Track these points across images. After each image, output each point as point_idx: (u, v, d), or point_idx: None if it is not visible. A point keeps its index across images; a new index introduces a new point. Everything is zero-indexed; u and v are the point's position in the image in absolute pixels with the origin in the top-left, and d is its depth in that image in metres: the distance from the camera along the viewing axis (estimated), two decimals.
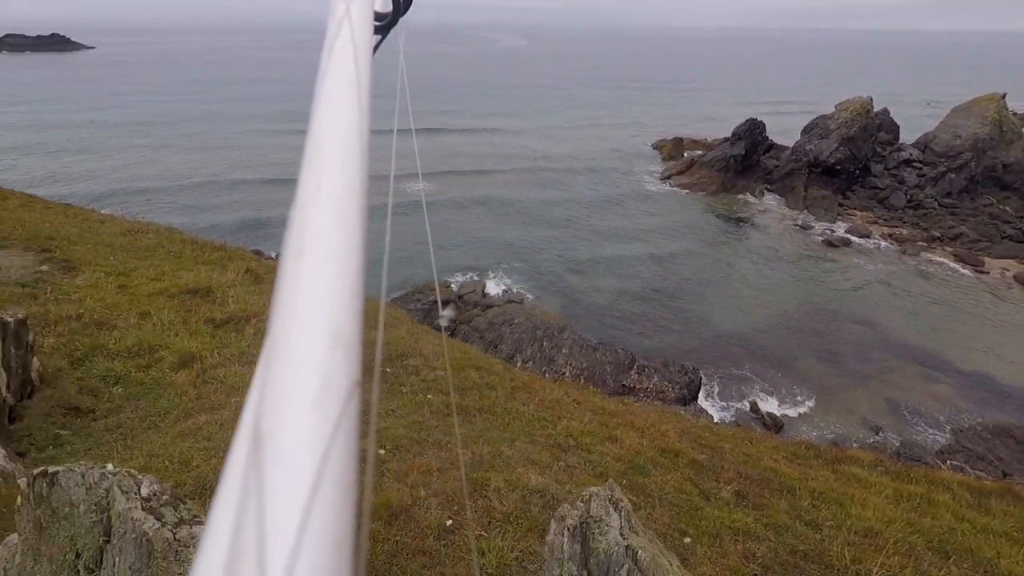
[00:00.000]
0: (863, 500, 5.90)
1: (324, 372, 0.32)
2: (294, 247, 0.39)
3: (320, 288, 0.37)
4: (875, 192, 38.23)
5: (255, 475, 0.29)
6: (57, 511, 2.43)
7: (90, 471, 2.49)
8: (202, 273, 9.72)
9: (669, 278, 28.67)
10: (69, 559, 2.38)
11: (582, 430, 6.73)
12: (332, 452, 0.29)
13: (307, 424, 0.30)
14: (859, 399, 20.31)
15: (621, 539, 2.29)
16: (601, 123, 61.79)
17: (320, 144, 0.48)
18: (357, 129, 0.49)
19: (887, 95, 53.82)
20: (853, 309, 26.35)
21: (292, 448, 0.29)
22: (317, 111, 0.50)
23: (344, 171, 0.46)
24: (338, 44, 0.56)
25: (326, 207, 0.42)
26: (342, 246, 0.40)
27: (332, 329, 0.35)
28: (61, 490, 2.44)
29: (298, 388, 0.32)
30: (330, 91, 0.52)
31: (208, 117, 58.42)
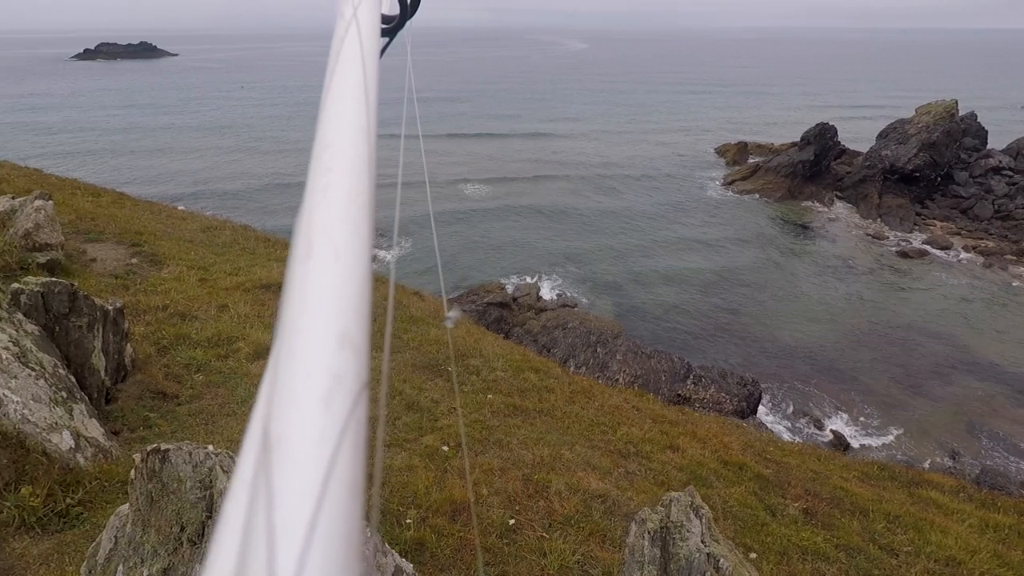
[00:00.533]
0: (944, 527, 5.57)
1: (332, 373, 0.33)
2: (302, 248, 0.40)
3: (328, 289, 0.37)
4: (958, 201, 35.92)
5: (264, 477, 0.29)
6: (166, 486, 2.62)
7: (196, 450, 2.68)
8: (274, 269, 10.16)
9: (729, 287, 27.85)
10: (174, 532, 2.56)
11: (642, 437, 6.66)
12: (340, 453, 0.30)
13: (315, 426, 0.30)
14: (935, 421, 19.12)
15: (703, 546, 2.27)
16: (661, 127, 60.78)
17: (327, 145, 0.48)
18: (364, 131, 0.50)
19: (974, 98, 50.47)
20: (930, 325, 24.84)
21: (301, 450, 0.29)
22: (324, 113, 0.51)
23: (351, 172, 0.46)
24: (345, 46, 0.57)
25: (333, 208, 0.43)
26: (349, 247, 0.40)
27: (340, 330, 0.35)
28: (171, 466, 2.63)
29: (306, 390, 0.32)
30: (337, 93, 0.52)
31: (279, 121, 61.06)
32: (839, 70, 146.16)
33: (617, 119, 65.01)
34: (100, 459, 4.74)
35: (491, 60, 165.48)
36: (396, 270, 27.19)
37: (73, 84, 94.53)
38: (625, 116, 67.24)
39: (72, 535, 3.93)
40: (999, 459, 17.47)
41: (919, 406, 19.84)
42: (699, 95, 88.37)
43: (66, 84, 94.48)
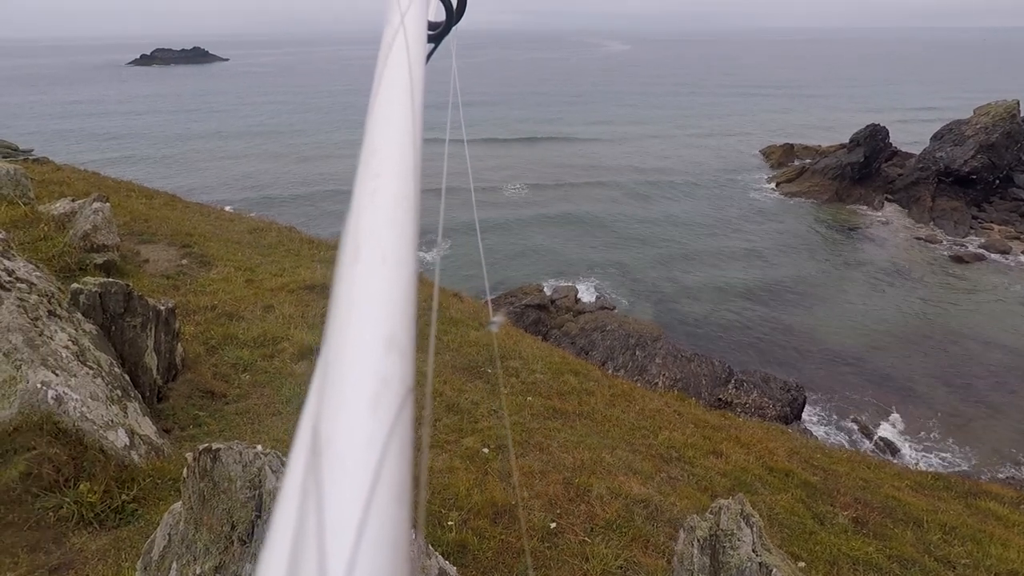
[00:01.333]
0: (1005, 539, 5.29)
1: (379, 377, 0.33)
2: (350, 251, 0.40)
3: (374, 293, 0.38)
4: (1018, 204, 34.19)
5: (314, 479, 0.29)
6: (218, 485, 2.70)
7: (246, 450, 2.75)
8: (318, 270, 10.39)
9: (773, 290, 27.14)
10: (225, 530, 2.63)
11: (684, 442, 6.54)
12: (388, 457, 0.30)
13: (364, 429, 0.31)
14: (992, 430, 18.20)
15: (754, 555, 2.20)
16: (705, 130, 59.83)
17: (375, 150, 0.49)
18: (411, 135, 0.51)
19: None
20: (986, 331, 23.68)
21: (349, 453, 0.30)
22: (372, 118, 0.52)
23: (398, 177, 0.46)
24: (393, 52, 0.58)
25: (381, 211, 0.43)
26: (396, 251, 0.41)
27: (386, 334, 0.35)
28: (222, 466, 2.71)
29: (354, 393, 0.32)
30: (385, 98, 0.53)
31: (323, 126, 62.54)
32: (889, 70, 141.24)
33: (659, 122, 64.29)
34: (153, 457, 4.91)
35: (529, 62, 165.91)
36: (429, 272, 27.48)
37: (129, 89, 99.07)
38: (667, 118, 66.46)
39: (128, 531, 4.07)
40: None
41: (976, 415, 18.92)
42: (744, 97, 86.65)
43: (122, 89, 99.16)
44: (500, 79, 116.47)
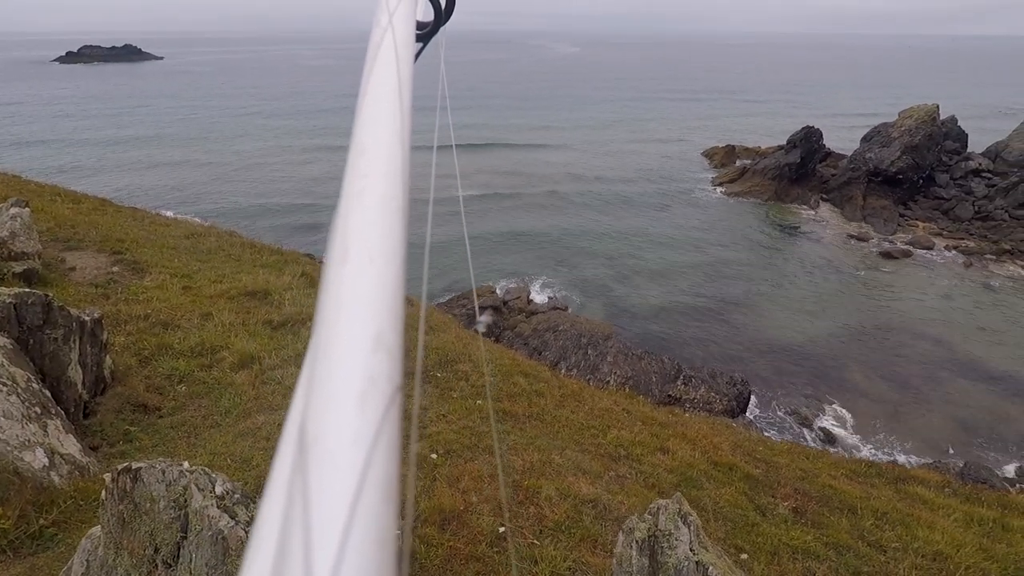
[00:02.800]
0: (930, 522, 5.59)
1: (367, 375, 0.33)
2: (338, 251, 0.40)
3: (362, 292, 0.38)
4: (939, 203, 36.44)
5: (301, 477, 0.29)
6: (139, 506, 2.53)
7: (169, 468, 2.60)
8: (260, 276, 10.05)
9: (718, 288, 28.01)
10: (148, 554, 2.48)
11: (632, 440, 6.63)
12: (376, 455, 0.30)
13: (351, 427, 0.31)
14: (919, 418, 19.31)
15: (691, 554, 2.23)
16: (651, 131, 61.14)
17: (363, 149, 0.49)
18: (399, 135, 0.51)
19: (954, 103, 51.33)
20: (914, 324, 25.12)
21: (337, 450, 0.30)
22: (360, 117, 0.52)
23: (386, 176, 0.46)
24: (381, 52, 0.58)
25: (368, 211, 0.43)
26: (384, 250, 0.41)
27: (375, 332, 0.35)
28: (143, 486, 2.54)
29: (342, 391, 0.32)
30: (373, 98, 0.53)
31: (260, 128, 60.68)
32: (827, 75, 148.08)
33: (606, 126, 65.25)
34: (76, 477, 4.62)
35: (476, 65, 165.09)
36: None
37: (54, 89, 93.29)
38: (614, 122, 67.54)
39: (45, 558, 3.80)
40: (981, 453, 17.66)
41: (904, 403, 20.03)
42: (687, 101, 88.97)
43: (47, 88, 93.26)
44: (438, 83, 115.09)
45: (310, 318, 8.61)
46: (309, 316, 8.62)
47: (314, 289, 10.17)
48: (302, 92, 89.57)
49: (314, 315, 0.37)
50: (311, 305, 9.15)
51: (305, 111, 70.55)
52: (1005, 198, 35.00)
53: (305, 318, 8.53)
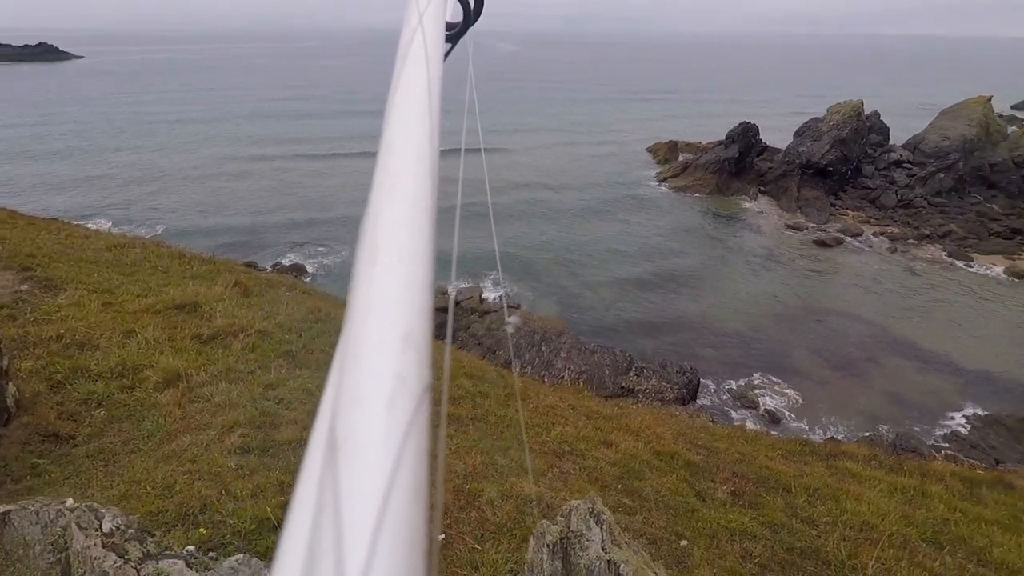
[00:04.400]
0: (858, 495, 5.83)
1: (397, 375, 0.33)
2: (368, 249, 0.41)
3: (392, 290, 0.38)
4: (866, 192, 38.42)
5: (331, 476, 0.29)
6: (10, 553, 2.30)
7: (45, 507, 2.37)
8: (189, 288, 9.60)
9: (666, 280, 28.67)
10: None
11: (577, 435, 6.65)
12: (405, 454, 0.30)
13: (381, 426, 0.31)
14: (856, 394, 20.29)
15: (603, 553, 2.20)
16: (594, 130, 61.96)
17: (393, 148, 0.49)
18: (428, 134, 0.51)
19: (878, 98, 54.20)
20: (847, 307, 26.39)
21: (367, 450, 0.30)
22: (391, 116, 0.52)
23: (416, 175, 0.47)
24: (411, 52, 0.58)
25: (398, 210, 0.44)
26: (413, 249, 0.41)
27: (404, 331, 0.35)
28: (14, 530, 2.31)
29: (372, 390, 0.32)
30: (404, 97, 0.54)
31: (191, 134, 58.27)
32: (766, 73, 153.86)
33: (547, 125, 65.71)
34: None
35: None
36: (328, 281, 26.41)
37: None
38: (558, 121, 68.09)
39: None
40: (913, 424, 18.70)
41: (841, 381, 21.01)
42: (629, 101, 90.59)
43: None
44: (383, 83, 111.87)
45: (243, 329, 8.27)
46: (242, 328, 8.28)
47: (248, 299, 9.79)
48: (240, 94, 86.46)
49: (344, 314, 0.38)
50: (244, 316, 8.80)
51: (242, 115, 68.11)
52: (924, 187, 37.22)
53: (238, 330, 8.19)
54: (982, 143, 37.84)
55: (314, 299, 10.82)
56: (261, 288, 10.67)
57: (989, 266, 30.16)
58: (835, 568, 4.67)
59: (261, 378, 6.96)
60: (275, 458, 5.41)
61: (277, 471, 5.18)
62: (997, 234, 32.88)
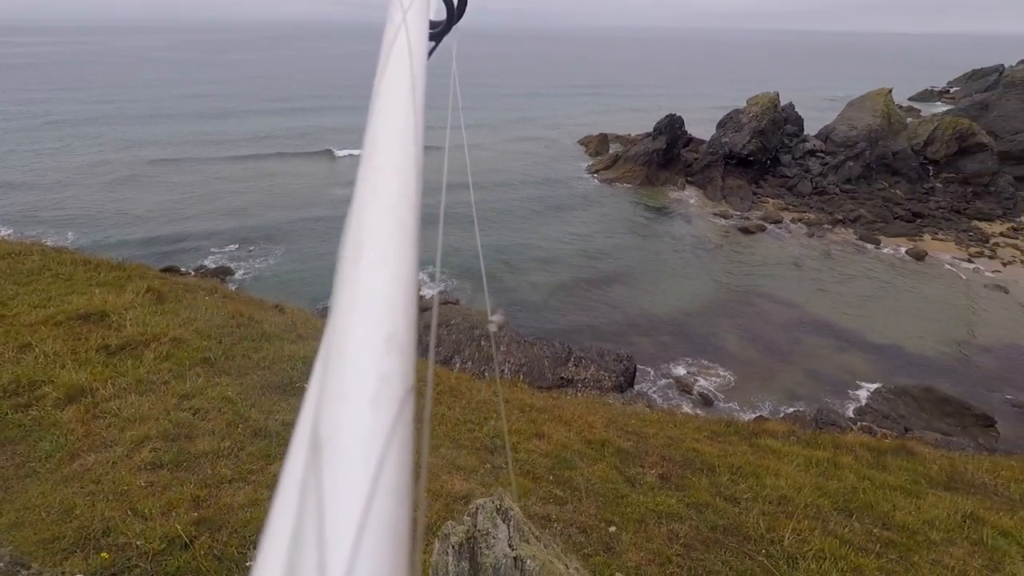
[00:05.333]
0: (777, 470, 6.12)
1: (380, 375, 0.33)
2: (352, 249, 0.40)
3: (375, 291, 0.37)
4: (784, 180, 40.49)
5: (314, 477, 0.29)
6: None
7: None
8: (96, 296, 8.95)
9: (600, 270, 29.25)
10: None
11: (509, 429, 6.66)
12: (389, 455, 0.30)
13: (365, 427, 0.30)
14: (781, 373, 21.42)
15: (509, 550, 2.19)
16: (524, 125, 62.22)
17: (377, 147, 0.48)
18: (412, 133, 0.51)
19: (792, 91, 57.06)
20: (770, 290, 27.78)
21: (351, 450, 0.30)
22: (375, 114, 0.52)
23: (400, 174, 0.46)
24: (395, 50, 0.58)
25: (382, 209, 0.43)
26: (397, 249, 0.40)
27: (388, 332, 0.35)
28: None
29: (355, 391, 0.32)
30: (387, 95, 0.54)
31: (87, 136, 54.49)
32: (690, 67, 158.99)
33: (482, 118, 65.49)
34: None
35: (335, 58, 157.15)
36: (256, 284, 25.38)
37: None
38: (487, 116, 67.94)
39: None
40: (832, 399, 19.93)
41: (767, 361, 22.12)
42: (562, 96, 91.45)
43: None
44: (303, 78, 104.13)
45: (156, 338, 7.79)
46: (155, 336, 7.80)
47: (163, 306, 9.24)
48: (149, 91, 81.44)
49: (328, 314, 0.37)
50: (158, 324, 8.29)
51: (152, 114, 64.12)
52: (836, 174, 39.60)
53: (150, 339, 7.71)
54: (885, 132, 40.62)
55: (236, 303, 10.33)
56: (178, 294, 10.08)
57: (895, 247, 32.50)
58: (755, 542, 4.88)
59: (176, 388, 6.59)
60: (190, 472, 5.13)
61: (192, 485, 4.91)
62: (901, 217, 35.45)
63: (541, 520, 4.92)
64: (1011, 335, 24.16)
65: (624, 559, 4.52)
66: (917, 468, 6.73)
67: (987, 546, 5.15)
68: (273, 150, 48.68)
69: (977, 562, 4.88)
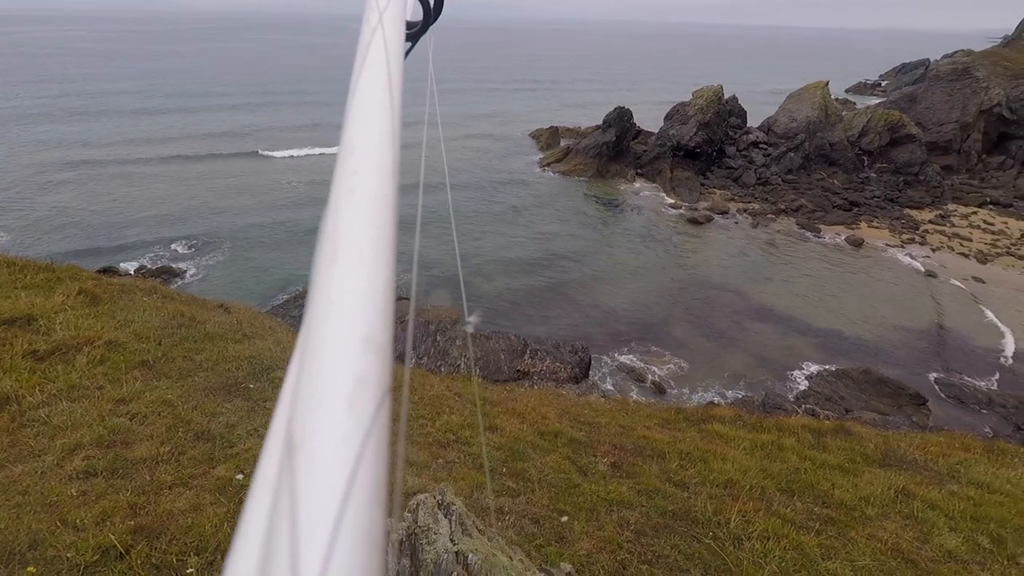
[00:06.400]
0: (723, 455, 6.32)
1: (357, 377, 0.32)
2: (327, 250, 0.39)
3: (352, 292, 0.37)
4: (730, 172, 41.69)
5: (288, 478, 0.29)
6: None
7: None
8: (22, 299, 8.42)
9: (554, 262, 29.46)
10: None
11: (462, 423, 6.63)
12: (364, 457, 0.30)
13: (340, 428, 0.30)
14: (729, 359, 22.12)
15: (451, 545, 2.18)
16: (473, 121, 61.88)
17: (353, 148, 0.48)
18: (389, 134, 0.50)
19: (735, 84, 58.70)
20: (718, 278, 28.62)
21: (326, 452, 0.29)
22: (351, 115, 0.51)
23: (377, 175, 0.46)
24: (371, 51, 0.58)
25: (359, 211, 0.42)
26: (374, 250, 0.40)
27: (364, 334, 0.35)
28: None
29: (331, 392, 0.32)
30: (363, 96, 0.53)
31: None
32: (633, 60, 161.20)
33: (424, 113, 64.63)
34: None
35: (290, 51, 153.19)
36: (202, 284, 24.47)
37: None
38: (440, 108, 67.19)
39: None
40: (778, 383, 20.73)
41: (716, 348, 22.81)
42: (513, 90, 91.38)
43: None
44: (257, 73, 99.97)
45: (89, 342, 7.40)
46: (88, 340, 7.40)
47: (97, 308, 8.78)
48: (85, 84, 77.08)
49: (304, 315, 0.36)
50: (91, 327, 7.88)
51: (88, 111, 60.80)
52: (778, 165, 41.02)
53: (82, 342, 7.31)
54: (822, 124, 42.32)
55: (176, 303, 9.91)
56: (113, 295, 9.59)
57: (834, 235, 33.98)
58: (703, 525, 5.02)
59: (111, 393, 6.27)
60: (126, 479, 4.89)
61: (129, 493, 4.69)
62: (839, 207, 37.06)
63: (495, 513, 4.93)
64: (940, 318, 25.66)
65: (576, 547, 4.58)
66: (855, 447, 7.07)
67: (917, 519, 5.46)
68: (221, 150, 46.85)
69: (908, 535, 5.17)
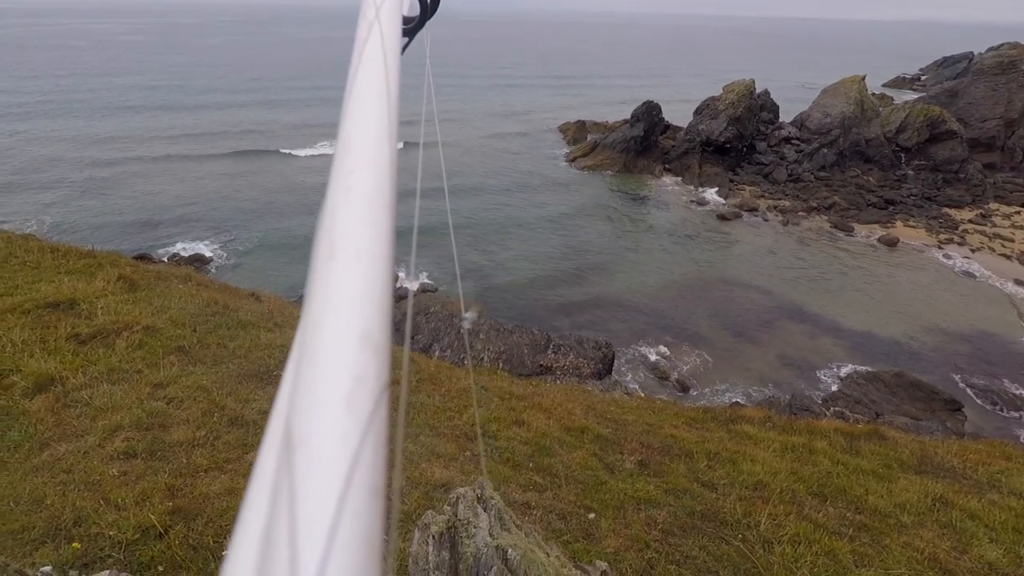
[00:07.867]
0: (753, 456, 6.23)
1: (354, 374, 0.32)
2: (324, 248, 0.40)
3: (350, 290, 0.37)
4: (760, 168, 40.90)
5: (287, 476, 0.29)
6: None
7: None
8: (65, 284, 8.71)
9: (579, 257, 29.32)
10: None
11: (489, 417, 6.66)
12: (363, 454, 0.30)
13: (338, 426, 0.30)
14: (756, 359, 21.78)
15: (490, 539, 2.19)
16: (499, 115, 61.72)
17: (350, 145, 0.48)
18: (387, 130, 0.50)
19: (767, 78, 57.52)
20: (746, 277, 28.16)
21: (324, 450, 0.29)
22: (347, 112, 0.51)
23: (374, 172, 0.46)
24: (368, 47, 0.58)
25: (356, 208, 0.42)
26: (371, 246, 0.40)
27: (362, 331, 0.35)
28: None
29: (329, 390, 0.32)
30: (360, 92, 0.53)
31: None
32: (659, 54, 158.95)
33: (454, 109, 64.81)
34: None
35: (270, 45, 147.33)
36: (232, 272, 24.97)
37: None
38: (465, 104, 67.28)
39: None
40: (806, 384, 20.35)
41: (744, 348, 22.47)
42: (538, 86, 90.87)
43: None
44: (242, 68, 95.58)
45: (128, 326, 7.61)
46: (127, 324, 7.62)
47: (135, 294, 9.02)
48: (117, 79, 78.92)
49: (300, 312, 0.36)
50: (130, 312, 8.10)
51: (125, 105, 62.27)
52: (810, 162, 40.11)
53: (122, 327, 7.53)
54: (858, 119, 41.20)
55: (211, 291, 10.13)
56: (150, 281, 9.85)
57: (868, 234, 33.13)
58: (732, 527, 4.96)
59: (149, 377, 6.46)
60: (164, 461, 5.04)
61: (166, 475, 4.83)
62: (873, 204, 36.11)
63: (521, 507, 4.95)
64: (978, 321, 24.88)
65: (603, 545, 4.57)
66: (889, 452, 6.91)
67: (956, 528, 5.32)
68: (249, 147, 47.47)
69: (946, 544, 5.04)
